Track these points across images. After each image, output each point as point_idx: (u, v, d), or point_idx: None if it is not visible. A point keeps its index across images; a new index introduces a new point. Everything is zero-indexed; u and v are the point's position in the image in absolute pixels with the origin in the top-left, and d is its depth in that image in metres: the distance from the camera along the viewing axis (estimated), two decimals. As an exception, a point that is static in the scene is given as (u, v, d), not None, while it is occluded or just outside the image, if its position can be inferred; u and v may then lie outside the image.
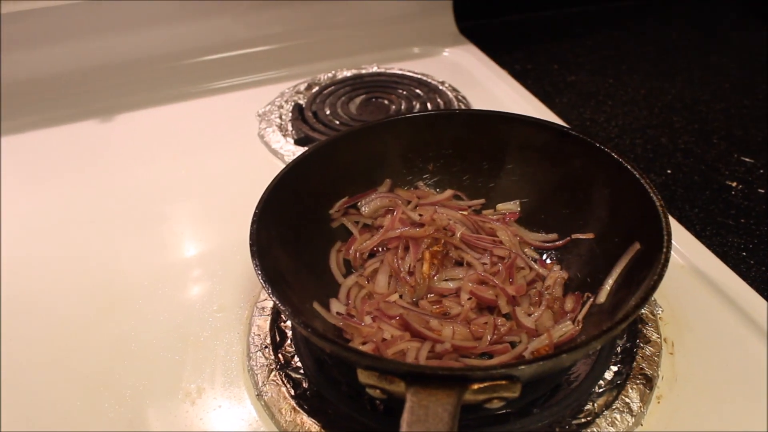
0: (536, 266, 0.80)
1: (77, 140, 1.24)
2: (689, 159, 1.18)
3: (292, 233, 0.78)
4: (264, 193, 0.75)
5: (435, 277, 0.79)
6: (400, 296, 0.78)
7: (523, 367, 0.52)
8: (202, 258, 0.93)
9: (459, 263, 0.83)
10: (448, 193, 0.90)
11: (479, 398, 0.53)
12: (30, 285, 0.90)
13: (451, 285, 0.79)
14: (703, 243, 0.91)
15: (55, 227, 1.01)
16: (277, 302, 0.61)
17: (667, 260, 0.62)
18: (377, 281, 0.79)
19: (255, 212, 0.72)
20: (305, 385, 0.71)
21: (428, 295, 0.79)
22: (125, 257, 0.94)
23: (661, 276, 0.60)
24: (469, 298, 0.75)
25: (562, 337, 0.71)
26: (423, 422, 0.49)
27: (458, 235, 0.82)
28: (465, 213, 0.86)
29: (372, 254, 0.85)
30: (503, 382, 0.52)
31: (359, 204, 0.88)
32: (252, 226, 0.70)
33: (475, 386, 0.52)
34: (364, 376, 0.54)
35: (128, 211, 1.03)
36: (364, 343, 0.71)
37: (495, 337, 0.71)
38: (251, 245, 0.67)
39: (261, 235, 0.70)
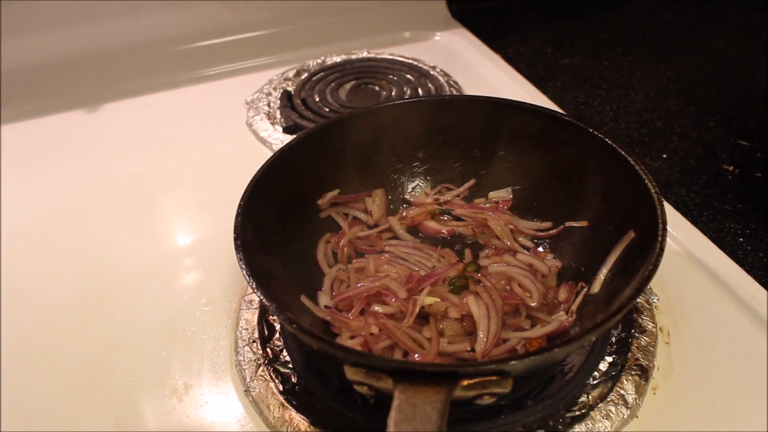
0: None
1: (62, 130, 1.21)
2: (685, 143, 1.16)
3: (279, 224, 0.77)
4: (249, 184, 0.73)
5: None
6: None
7: (514, 362, 0.51)
8: (190, 250, 0.92)
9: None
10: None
11: (469, 394, 0.52)
12: (14, 277, 0.88)
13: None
14: (700, 229, 0.89)
15: (40, 219, 0.99)
16: (263, 298, 0.60)
17: (662, 249, 0.61)
18: None
19: (239, 204, 0.70)
20: (294, 380, 0.70)
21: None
22: (111, 249, 0.92)
23: (656, 266, 0.59)
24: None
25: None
26: (411, 421, 0.47)
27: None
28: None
29: (360, 253, 0.84)
30: (494, 377, 0.51)
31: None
32: (236, 218, 0.68)
33: (465, 382, 0.51)
34: (351, 373, 0.53)
35: (114, 202, 1.02)
36: (352, 338, 0.69)
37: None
38: (235, 239, 0.66)
39: (246, 227, 0.68)
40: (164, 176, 1.07)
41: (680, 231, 0.89)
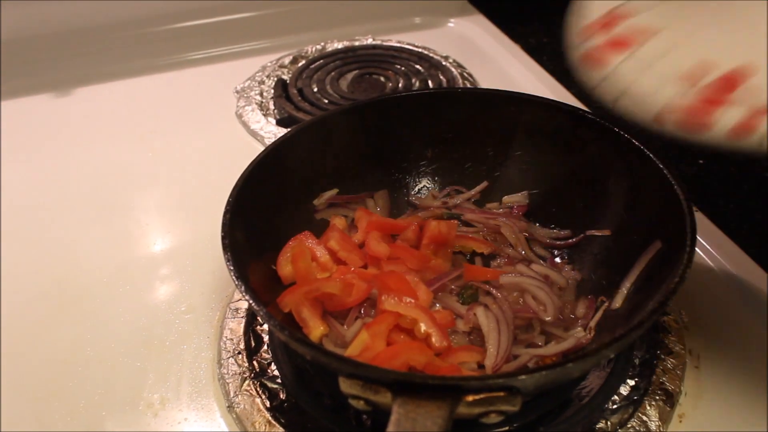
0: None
1: (28, 116, 1.24)
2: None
3: (271, 225, 0.79)
4: (239, 179, 0.76)
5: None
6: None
7: (523, 377, 0.53)
8: (169, 252, 0.95)
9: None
10: None
11: (474, 412, 0.54)
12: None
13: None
14: (738, 244, 0.91)
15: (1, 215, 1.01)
16: (251, 301, 0.62)
17: (690, 260, 0.63)
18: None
19: (228, 201, 0.73)
20: (282, 396, 0.72)
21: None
22: (81, 251, 0.95)
23: (683, 278, 0.61)
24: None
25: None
26: (410, 436, 0.50)
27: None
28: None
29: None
30: (501, 393, 0.53)
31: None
32: (225, 216, 0.71)
33: (470, 398, 0.53)
34: (346, 385, 0.55)
35: (86, 198, 1.04)
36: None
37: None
38: (223, 237, 0.68)
39: (235, 226, 0.70)
40: (143, 171, 1.10)
41: (716, 245, 0.91)
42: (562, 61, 1.42)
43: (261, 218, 0.78)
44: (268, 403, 0.71)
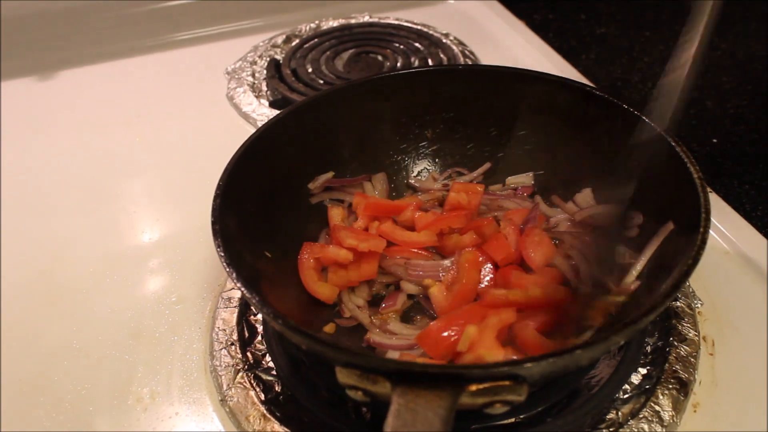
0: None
1: (10, 100, 1.24)
2: (739, 126, 1.18)
3: (264, 210, 0.79)
4: (229, 162, 0.75)
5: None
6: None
7: (529, 364, 0.53)
8: (159, 241, 0.94)
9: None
10: None
11: (478, 402, 0.53)
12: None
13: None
14: (754, 225, 0.91)
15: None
16: (243, 289, 0.62)
17: (704, 241, 0.62)
18: None
19: (218, 185, 0.72)
20: (278, 388, 0.72)
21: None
22: (67, 240, 0.94)
23: (696, 260, 0.61)
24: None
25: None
26: (410, 427, 0.49)
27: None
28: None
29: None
30: (506, 382, 0.53)
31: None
32: (214, 201, 0.70)
33: (473, 387, 0.52)
34: (343, 376, 0.55)
35: (71, 186, 1.04)
36: None
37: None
38: (213, 223, 0.68)
39: (226, 211, 0.70)
40: (130, 157, 1.10)
41: (731, 227, 0.90)
42: (567, 39, 1.44)
43: (253, 203, 0.77)
44: (262, 396, 0.71)
